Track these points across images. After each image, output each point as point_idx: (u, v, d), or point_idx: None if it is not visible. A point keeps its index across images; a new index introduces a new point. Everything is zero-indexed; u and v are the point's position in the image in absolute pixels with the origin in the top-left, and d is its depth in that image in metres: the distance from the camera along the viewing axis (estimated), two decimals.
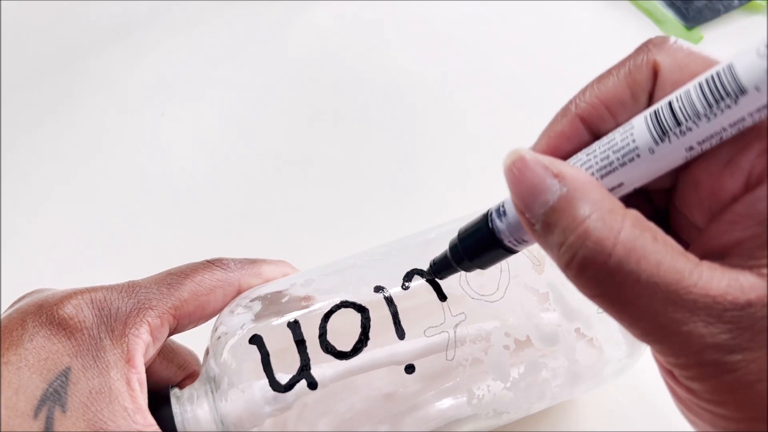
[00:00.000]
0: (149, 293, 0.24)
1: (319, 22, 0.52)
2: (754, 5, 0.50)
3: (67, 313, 0.23)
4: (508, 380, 0.26)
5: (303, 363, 0.24)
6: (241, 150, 0.46)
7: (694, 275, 0.16)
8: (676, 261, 0.16)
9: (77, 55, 0.51)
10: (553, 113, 0.20)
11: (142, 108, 0.48)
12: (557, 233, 0.17)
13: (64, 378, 0.22)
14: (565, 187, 0.17)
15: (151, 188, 0.44)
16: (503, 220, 0.20)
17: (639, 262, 0.16)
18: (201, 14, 0.53)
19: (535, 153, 0.18)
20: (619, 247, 0.16)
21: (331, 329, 0.25)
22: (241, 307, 0.26)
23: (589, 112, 0.19)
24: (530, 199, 0.18)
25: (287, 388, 0.24)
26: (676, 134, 0.17)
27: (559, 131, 0.20)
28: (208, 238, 0.42)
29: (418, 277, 0.26)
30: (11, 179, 0.45)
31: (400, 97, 0.48)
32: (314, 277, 0.27)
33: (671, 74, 0.18)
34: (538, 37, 0.51)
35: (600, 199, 0.17)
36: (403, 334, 0.25)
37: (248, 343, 0.24)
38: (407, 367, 0.25)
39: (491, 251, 0.21)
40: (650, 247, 0.16)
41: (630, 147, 0.17)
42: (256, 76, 0.50)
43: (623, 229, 0.16)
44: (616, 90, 0.19)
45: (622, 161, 0.17)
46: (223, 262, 0.27)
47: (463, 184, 0.43)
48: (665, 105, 0.17)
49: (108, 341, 0.23)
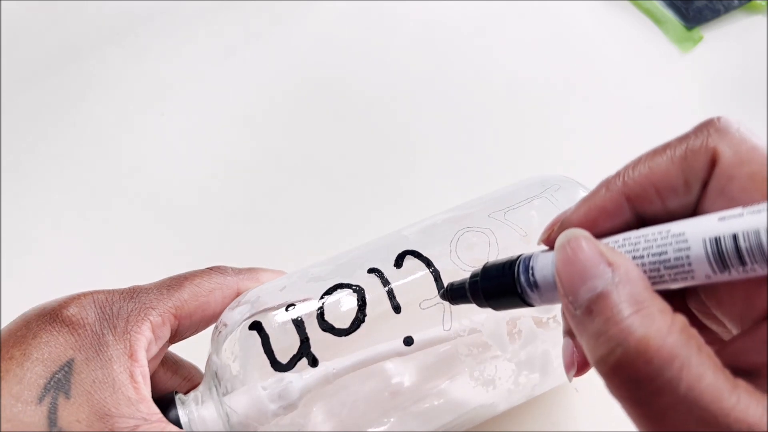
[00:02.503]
0: (150, 295, 0.25)
1: (319, 22, 0.52)
2: (754, 5, 0.50)
3: (71, 312, 0.23)
4: (508, 350, 0.26)
5: (302, 338, 0.25)
6: (241, 149, 0.46)
7: (732, 398, 0.15)
8: (717, 378, 0.15)
9: (77, 55, 0.51)
10: (553, 113, 0.20)
11: (142, 108, 0.48)
12: (599, 322, 0.16)
13: (68, 368, 0.22)
14: (617, 278, 0.16)
15: (151, 188, 0.44)
16: (531, 282, 0.19)
17: (681, 370, 0.15)
18: (201, 14, 0.53)
19: (592, 237, 0.17)
20: (665, 350, 0.15)
21: (328, 309, 0.25)
22: (240, 304, 0.26)
23: (636, 192, 0.18)
24: (578, 282, 0.17)
25: (288, 367, 0.24)
26: (738, 271, 0.16)
27: (600, 205, 0.19)
28: (208, 238, 0.42)
29: (410, 257, 0.26)
30: (11, 179, 0.45)
31: (400, 97, 0.48)
32: (309, 269, 0.28)
33: (731, 168, 0.17)
34: (538, 36, 0.51)
35: (650, 297, 0.16)
36: (399, 308, 0.25)
37: (248, 330, 0.25)
38: (406, 340, 0.25)
39: (509, 299, 0.20)
40: (695, 357, 0.15)
41: (685, 269, 0.16)
42: (255, 75, 0.50)
43: (672, 333, 0.15)
44: (668, 173, 0.18)
45: (674, 278, 0.17)
46: (222, 269, 0.27)
47: (463, 184, 0.43)
48: (729, 237, 0.16)
49: (111, 337, 0.23)
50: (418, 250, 0.27)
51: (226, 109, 0.48)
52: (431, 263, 0.26)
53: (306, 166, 0.45)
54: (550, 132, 0.45)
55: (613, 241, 0.18)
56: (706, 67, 0.48)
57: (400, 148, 0.45)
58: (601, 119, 0.46)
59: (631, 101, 0.47)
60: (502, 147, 0.45)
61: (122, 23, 0.53)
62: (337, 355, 0.25)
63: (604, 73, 0.49)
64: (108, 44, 0.52)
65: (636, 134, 0.44)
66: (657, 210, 0.18)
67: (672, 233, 0.17)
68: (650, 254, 0.17)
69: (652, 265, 0.17)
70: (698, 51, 0.49)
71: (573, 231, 0.18)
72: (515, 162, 0.44)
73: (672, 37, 0.50)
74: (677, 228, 0.17)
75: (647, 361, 0.15)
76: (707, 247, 0.16)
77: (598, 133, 0.45)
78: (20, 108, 0.49)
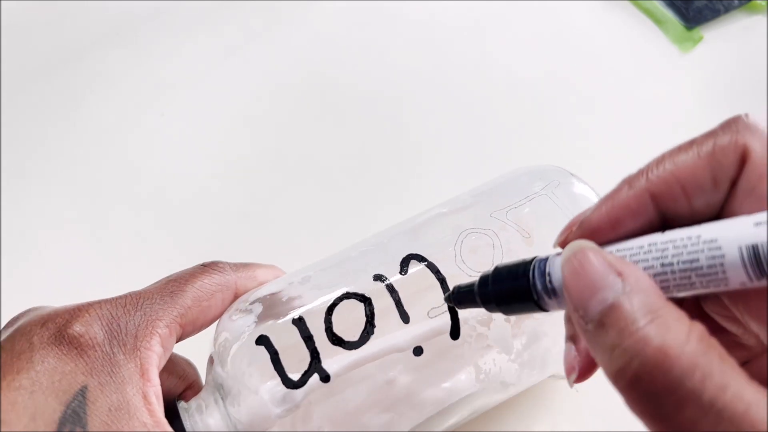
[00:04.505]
0: (154, 304, 0.24)
1: (319, 22, 0.52)
2: (754, 5, 0.50)
3: (77, 331, 0.22)
4: (512, 352, 0.26)
5: (313, 357, 0.24)
6: (241, 149, 0.46)
7: (761, 409, 0.14)
8: (743, 388, 0.14)
9: (77, 55, 0.51)
10: (553, 113, 0.20)
11: (142, 108, 0.48)
12: (612, 334, 0.15)
13: (81, 397, 0.21)
14: (628, 287, 0.16)
15: (151, 188, 0.44)
16: (549, 288, 0.18)
17: (704, 380, 0.14)
18: (201, 14, 0.53)
19: (600, 248, 0.17)
20: (684, 360, 0.14)
21: (336, 321, 0.25)
22: (241, 312, 0.26)
23: (661, 189, 0.17)
24: (588, 295, 0.16)
25: (300, 384, 0.24)
26: None
27: (623, 203, 0.18)
28: (208, 238, 0.42)
29: (414, 262, 0.26)
30: (10, 179, 0.45)
31: (399, 98, 0.48)
32: (311, 274, 0.27)
33: (762, 166, 0.16)
34: (538, 36, 0.51)
35: (663, 305, 0.15)
36: (408, 318, 0.25)
37: (255, 345, 0.24)
38: (416, 350, 0.25)
39: (524, 305, 0.19)
40: (717, 366, 0.14)
41: (718, 277, 0.16)
42: (255, 75, 0.50)
43: (690, 342, 0.14)
44: (695, 170, 0.17)
45: (706, 285, 0.16)
46: (219, 266, 0.26)
47: (464, 183, 0.43)
48: (767, 244, 0.15)
49: (121, 356, 0.22)
50: (421, 253, 0.26)
51: (226, 109, 0.48)
52: (437, 268, 0.26)
53: (306, 166, 0.45)
54: (550, 132, 0.45)
55: (637, 247, 0.17)
56: (706, 67, 0.48)
57: (400, 148, 0.45)
58: (601, 119, 0.46)
59: (631, 101, 0.47)
60: (502, 147, 0.45)
61: (122, 23, 0.53)
62: (343, 360, 0.24)
63: (603, 73, 0.49)
64: (108, 44, 0.52)
65: (636, 134, 0.44)
66: (682, 209, 0.17)
67: (703, 239, 0.16)
68: (681, 261, 0.16)
69: (682, 273, 0.16)
70: (698, 51, 0.49)
71: (579, 243, 0.17)
72: (516, 162, 0.44)
73: (672, 37, 0.50)
74: (708, 233, 0.16)
75: (666, 372, 0.14)
76: (743, 254, 0.15)
77: (598, 133, 0.45)
78: (20, 108, 0.49)
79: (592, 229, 0.18)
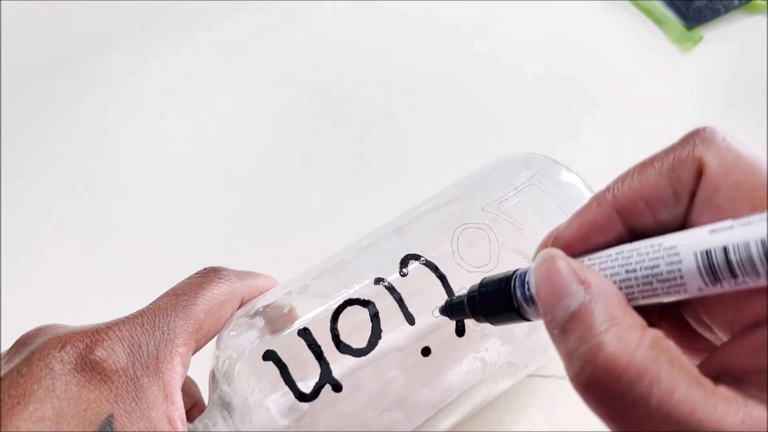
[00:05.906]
0: (170, 321, 0.23)
1: (319, 22, 0.52)
2: (754, 5, 0.50)
3: (100, 356, 0.21)
4: (515, 342, 0.26)
5: (323, 368, 0.24)
6: (241, 149, 0.46)
7: (708, 407, 0.15)
8: (690, 390, 0.15)
9: (77, 55, 0.51)
10: (553, 113, 0.20)
11: (142, 108, 0.48)
12: (572, 341, 0.16)
13: (108, 427, 0.20)
14: (589, 296, 0.16)
15: (151, 188, 0.44)
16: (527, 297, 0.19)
17: (651, 386, 0.15)
18: (201, 14, 0.53)
19: (567, 257, 0.18)
20: (632, 367, 0.15)
21: (342, 328, 0.25)
22: (241, 327, 0.25)
23: (626, 205, 0.18)
24: (553, 301, 0.17)
25: (313, 396, 0.24)
26: (730, 284, 0.15)
27: (591, 220, 0.19)
28: (208, 238, 0.42)
29: (413, 262, 0.26)
30: (10, 179, 0.45)
31: (399, 98, 0.48)
32: (308, 282, 0.27)
33: (716, 178, 0.17)
34: (538, 36, 0.51)
35: (622, 313, 0.16)
36: (413, 319, 0.25)
37: (262, 360, 0.24)
38: (424, 350, 0.25)
39: (507, 314, 0.20)
40: (665, 371, 0.15)
41: (677, 282, 0.16)
42: (255, 75, 0.50)
43: (639, 349, 0.15)
44: (657, 185, 0.18)
45: (667, 291, 0.16)
46: (224, 273, 0.26)
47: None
48: (719, 250, 0.15)
49: (145, 379, 0.21)
50: (418, 252, 0.26)
51: (226, 109, 0.48)
52: (436, 267, 0.26)
53: (306, 166, 0.45)
54: (550, 132, 0.45)
55: (606, 255, 0.18)
56: (706, 67, 0.48)
57: (400, 149, 0.45)
58: (601, 119, 0.46)
59: (631, 101, 0.47)
60: (502, 147, 0.45)
61: (122, 23, 0.53)
62: (349, 364, 0.24)
63: (604, 73, 0.49)
64: (108, 44, 0.52)
65: (636, 134, 0.44)
66: (648, 223, 0.18)
67: (664, 246, 0.16)
68: (643, 267, 0.17)
69: (644, 279, 0.17)
70: (698, 51, 0.49)
71: (549, 251, 0.18)
72: None
73: (672, 37, 0.50)
74: (669, 241, 0.17)
75: (616, 379, 0.15)
76: (698, 260, 0.16)
77: (598, 132, 0.45)
78: (19, 108, 0.49)
79: (564, 244, 0.19)
